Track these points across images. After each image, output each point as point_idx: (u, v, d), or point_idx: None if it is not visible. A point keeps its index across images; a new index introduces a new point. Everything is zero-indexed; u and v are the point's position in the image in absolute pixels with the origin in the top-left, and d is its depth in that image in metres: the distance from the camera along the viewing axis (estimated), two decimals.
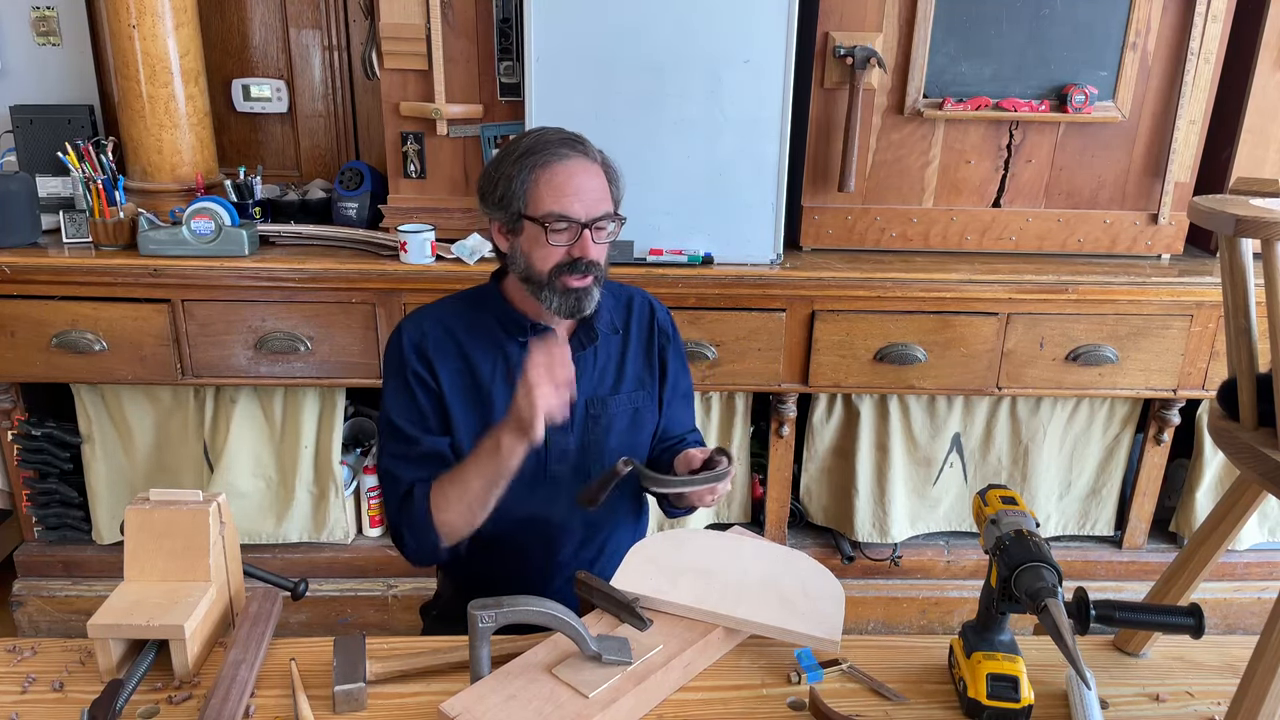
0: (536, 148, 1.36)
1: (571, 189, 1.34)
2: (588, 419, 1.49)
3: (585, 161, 1.37)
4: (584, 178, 1.36)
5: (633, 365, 1.53)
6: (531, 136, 1.39)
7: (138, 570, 1.22)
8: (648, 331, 1.55)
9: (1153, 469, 2.51)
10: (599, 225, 1.37)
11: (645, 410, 1.54)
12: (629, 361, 1.52)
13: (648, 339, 1.55)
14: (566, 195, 1.34)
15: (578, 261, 1.36)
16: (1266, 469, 1.09)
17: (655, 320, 1.56)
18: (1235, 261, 1.15)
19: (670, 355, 1.57)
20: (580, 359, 1.46)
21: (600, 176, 1.39)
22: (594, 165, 1.38)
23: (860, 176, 2.33)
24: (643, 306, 1.57)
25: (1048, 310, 2.27)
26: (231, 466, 2.42)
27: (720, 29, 2.13)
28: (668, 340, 1.57)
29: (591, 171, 1.37)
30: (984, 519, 1.18)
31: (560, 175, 1.34)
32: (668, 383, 1.57)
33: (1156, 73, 2.26)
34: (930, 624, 2.61)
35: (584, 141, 1.40)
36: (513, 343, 1.46)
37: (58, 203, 2.42)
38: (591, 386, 1.49)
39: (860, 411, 2.46)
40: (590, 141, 1.41)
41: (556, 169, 1.34)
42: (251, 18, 2.64)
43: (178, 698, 1.15)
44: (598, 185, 1.37)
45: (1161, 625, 1.15)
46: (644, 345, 1.55)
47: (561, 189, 1.34)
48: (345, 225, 2.44)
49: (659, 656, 1.16)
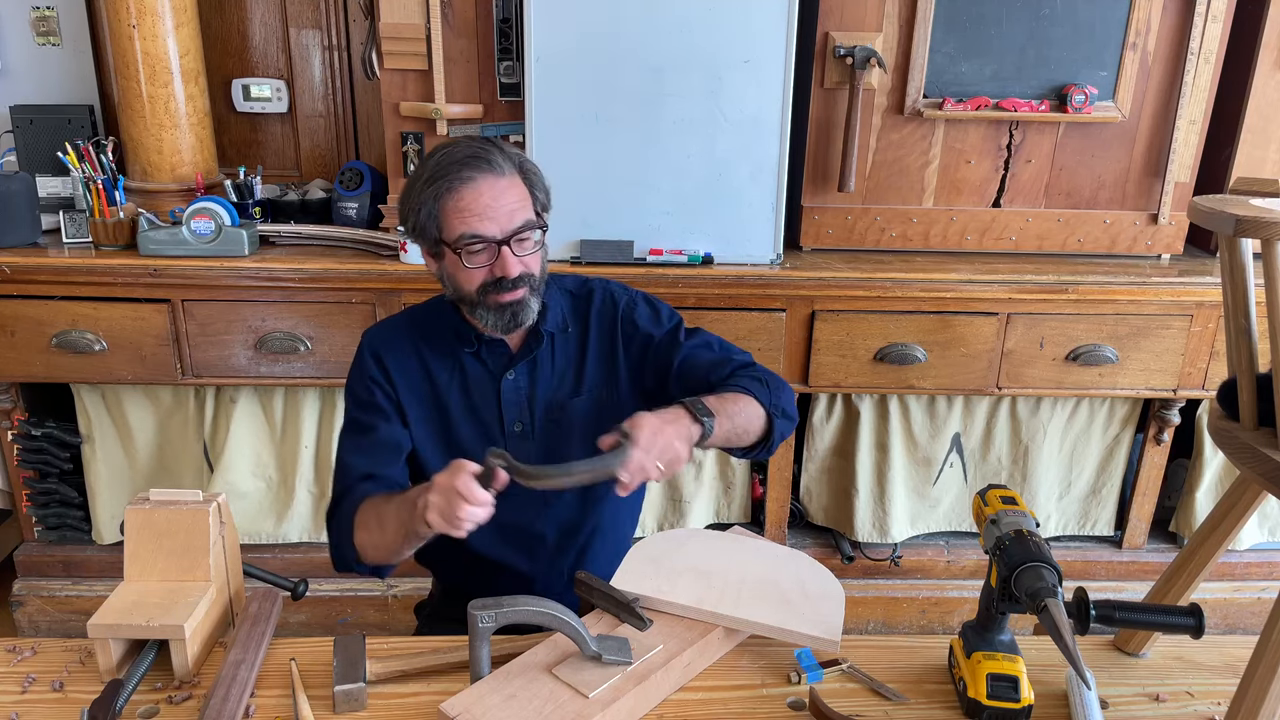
0: (439, 172, 1.31)
1: (479, 209, 1.30)
2: (548, 423, 1.46)
3: (492, 177, 1.31)
4: (492, 194, 1.30)
5: (593, 365, 1.48)
6: (435, 159, 1.33)
7: (138, 570, 1.22)
8: (609, 330, 1.48)
9: (1153, 469, 2.51)
10: (519, 237, 1.32)
11: (612, 411, 1.45)
12: (589, 361, 1.47)
13: (609, 338, 1.48)
14: (475, 215, 1.30)
15: (502, 280, 1.33)
16: (1266, 469, 1.09)
17: (617, 315, 1.49)
18: (1235, 261, 1.15)
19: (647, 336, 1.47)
20: (535, 362, 1.45)
21: (515, 186, 1.33)
22: (504, 178, 1.32)
23: (860, 176, 2.33)
24: (604, 304, 1.50)
25: (1048, 310, 2.27)
26: (231, 466, 2.42)
27: (720, 29, 2.13)
28: (635, 332, 1.47)
29: (501, 185, 1.31)
30: (984, 519, 1.18)
31: (466, 198, 1.30)
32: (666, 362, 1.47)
33: (1156, 73, 2.26)
34: (930, 624, 2.61)
35: (490, 152, 1.32)
36: (465, 352, 1.45)
37: (58, 203, 2.42)
38: (550, 390, 1.46)
39: (860, 411, 2.46)
40: (501, 147, 1.36)
41: (461, 192, 1.30)
42: (251, 18, 2.64)
43: (178, 698, 1.15)
44: (512, 197, 1.32)
45: (1161, 625, 1.15)
46: (607, 343, 1.48)
47: (469, 210, 1.30)
48: (345, 225, 2.44)
49: (659, 656, 1.16)
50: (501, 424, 1.46)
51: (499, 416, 1.45)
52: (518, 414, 1.46)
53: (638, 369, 1.48)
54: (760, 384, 1.38)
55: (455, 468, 1.17)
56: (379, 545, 1.32)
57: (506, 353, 1.45)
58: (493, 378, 1.45)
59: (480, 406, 1.45)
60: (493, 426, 1.46)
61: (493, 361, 1.45)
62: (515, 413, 1.46)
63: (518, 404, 1.45)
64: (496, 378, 1.45)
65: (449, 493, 1.15)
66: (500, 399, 1.45)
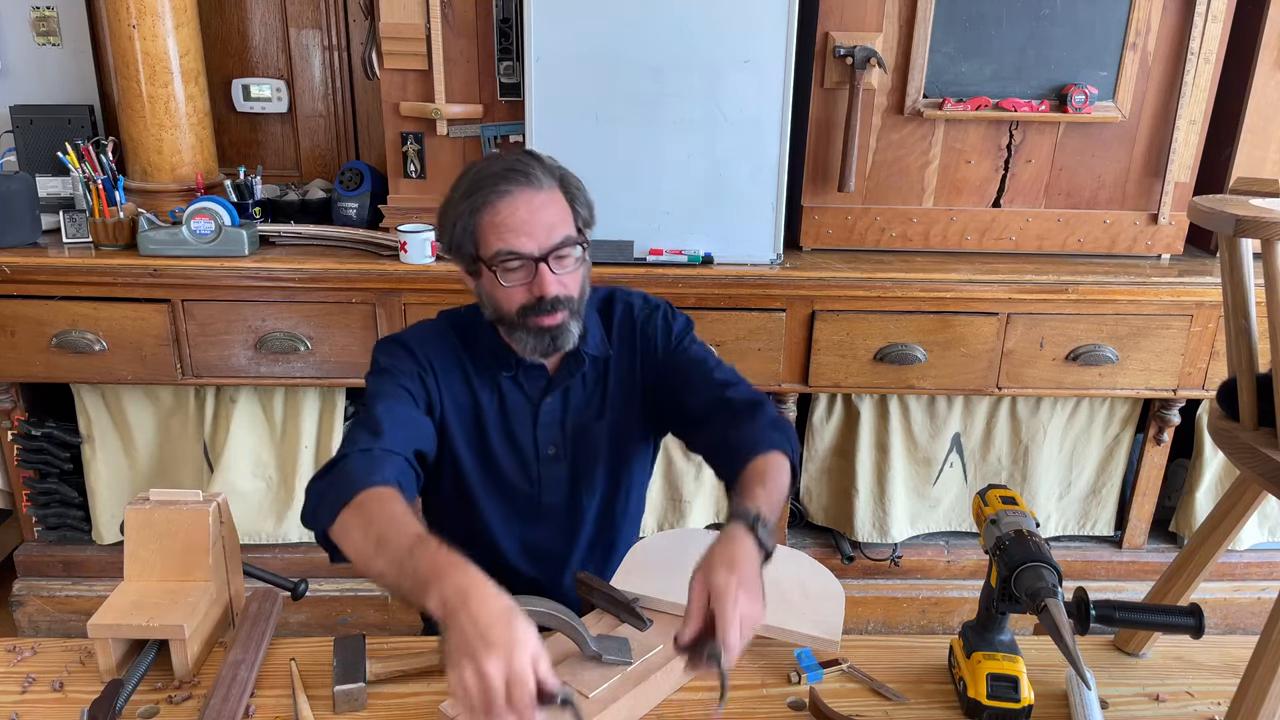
0: (476, 186, 1.26)
1: (516, 224, 1.24)
2: (577, 445, 1.43)
3: (530, 191, 1.25)
4: (529, 209, 1.25)
5: (614, 385, 1.44)
6: (472, 174, 1.29)
7: (138, 570, 1.22)
8: (629, 345, 1.44)
9: (1153, 469, 2.51)
10: (558, 255, 1.27)
11: (631, 431, 1.46)
12: (611, 381, 1.44)
13: (629, 353, 1.44)
14: (512, 231, 1.24)
15: (541, 300, 1.27)
16: (1266, 469, 1.09)
17: (635, 329, 1.44)
18: (1235, 261, 1.15)
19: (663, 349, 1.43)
20: (570, 385, 1.41)
21: (555, 201, 1.28)
22: (542, 192, 1.26)
23: (860, 176, 2.33)
24: (623, 317, 1.45)
25: (1048, 310, 2.27)
26: (232, 466, 2.42)
27: (720, 29, 2.13)
28: (652, 346, 1.44)
29: (540, 200, 1.26)
30: (984, 519, 1.18)
31: (503, 212, 1.24)
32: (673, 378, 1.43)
33: (1156, 73, 2.26)
34: (930, 624, 2.61)
35: (529, 165, 1.27)
36: (503, 375, 1.40)
37: (58, 203, 2.42)
38: (579, 412, 1.42)
39: (860, 411, 2.46)
40: (541, 159, 1.30)
41: (499, 207, 1.24)
42: (251, 18, 2.64)
43: (178, 698, 1.15)
44: (552, 212, 1.26)
45: (1161, 625, 1.15)
46: (626, 359, 1.44)
47: (505, 225, 1.24)
48: (345, 225, 2.44)
49: (659, 656, 1.16)
50: (536, 448, 1.42)
51: (534, 439, 1.42)
52: (551, 437, 1.42)
53: (649, 384, 1.45)
54: (783, 436, 1.28)
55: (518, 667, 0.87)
56: (358, 554, 1.07)
57: (545, 377, 1.41)
58: (530, 403, 1.41)
59: (517, 431, 1.41)
60: (527, 449, 1.42)
61: (531, 386, 1.41)
62: (549, 435, 1.42)
63: (552, 427, 1.42)
64: (535, 403, 1.41)
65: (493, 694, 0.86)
66: (537, 423, 1.41)
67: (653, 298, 1.49)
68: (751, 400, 1.34)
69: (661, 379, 1.43)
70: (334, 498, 1.12)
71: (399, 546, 1.00)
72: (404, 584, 0.98)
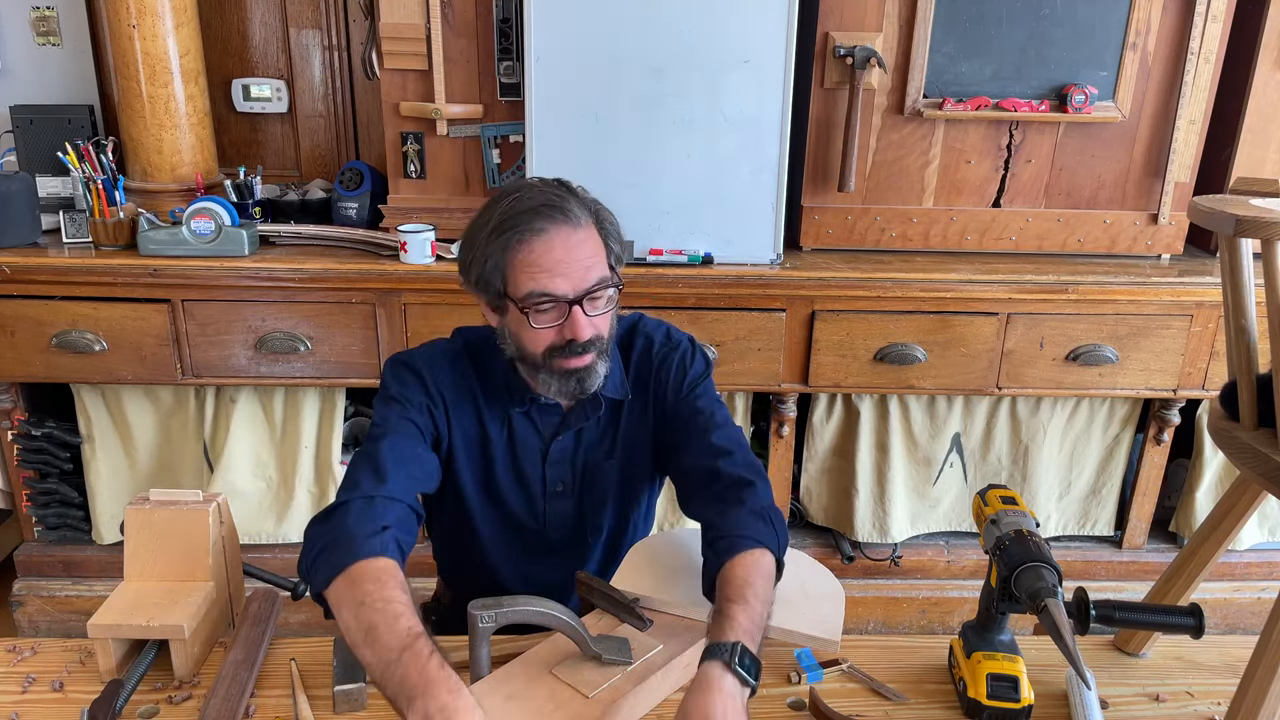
0: (509, 223, 1.19)
1: (551, 264, 1.18)
2: (585, 483, 1.40)
3: (567, 229, 1.19)
4: (566, 249, 1.19)
5: (628, 423, 1.39)
6: (505, 205, 1.21)
7: (138, 570, 1.22)
8: (644, 383, 1.39)
9: (1153, 469, 2.51)
10: (593, 296, 1.21)
11: (641, 470, 1.42)
12: (624, 419, 1.39)
13: (643, 391, 1.39)
14: (546, 271, 1.18)
15: (572, 343, 1.22)
16: (1266, 469, 1.09)
17: (652, 369, 1.38)
18: (1235, 261, 1.15)
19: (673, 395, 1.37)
20: (584, 426, 1.37)
21: (590, 239, 1.22)
22: (579, 230, 1.20)
23: (860, 176, 2.33)
24: (642, 354, 1.39)
25: (1048, 310, 2.27)
26: (231, 466, 2.42)
27: (720, 29, 2.13)
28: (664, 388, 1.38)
29: (576, 238, 1.20)
30: (984, 519, 1.18)
31: (538, 251, 1.18)
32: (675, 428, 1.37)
33: (1156, 73, 2.26)
34: (930, 624, 2.61)
35: (565, 200, 1.21)
36: (516, 409, 1.35)
37: (58, 203, 2.42)
38: (590, 450, 1.39)
39: (860, 411, 2.46)
40: (575, 192, 1.25)
41: (534, 245, 1.18)
42: (251, 18, 2.64)
43: (178, 698, 1.15)
44: (588, 251, 1.21)
45: (1161, 625, 1.15)
46: (641, 400, 1.39)
47: (539, 265, 1.18)
48: (345, 225, 2.44)
49: (659, 656, 1.16)
50: (544, 485, 1.40)
51: (543, 477, 1.39)
52: (560, 474, 1.40)
53: (658, 427, 1.40)
54: (768, 528, 1.19)
55: None
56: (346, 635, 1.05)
57: (559, 414, 1.37)
58: (541, 441, 1.37)
59: (525, 467, 1.38)
60: (535, 486, 1.40)
61: (543, 423, 1.37)
62: (558, 473, 1.39)
63: (562, 464, 1.39)
64: (546, 441, 1.37)
65: None
66: (546, 460, 1.38)
67: (676, 333, 1.42)
68: (741, 479, 1.25)
69: (666, 424, 1.38)
70: (328, 562, 1.09)
71: (389, 645, 0.98)
72: (388, 687, 0.97)
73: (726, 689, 0.99)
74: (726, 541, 1.16)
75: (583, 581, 1.26)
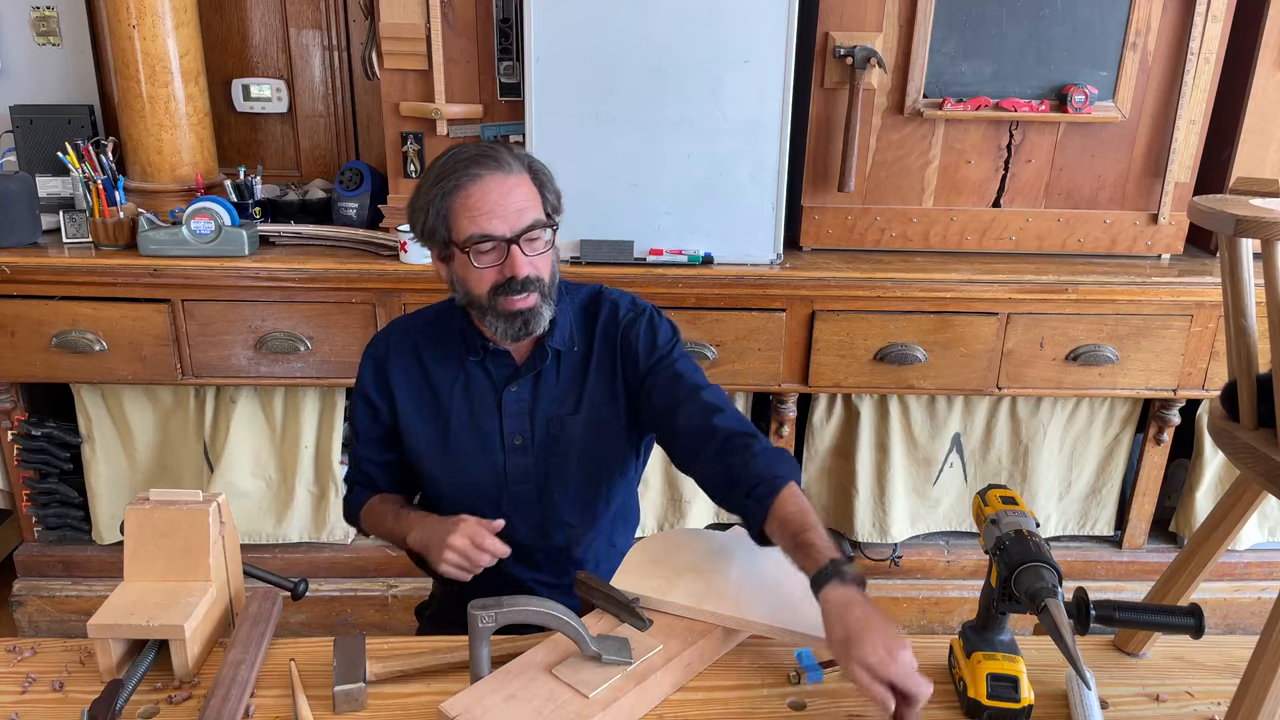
0: (447, 172, 1.31)
1: (488, 206, 1.29)
2: (547, 438, 1.45)
3: (500, 175, 1.30)
4: (501, 192, 1.30)
5: (594, 382, 1.45)
6: (443, 160, 1.33)
7: (138, 570, 1.22)
8: (610, 348, 1.46)
9: (1153, 469, 2.51)
10: (529, 237, 1.32)
11: (610, 428, 1.46)
12: (590, 378, 1.45)
13: (610, 356, 1.46)
14: (484, 214, 1.29)
15: (512, 281, 1.31)
16: (1266, 469, 1.09)
17: (618, 333, 1.45)
18: (1235, 261, 1.15)
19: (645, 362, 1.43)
20: (540, 376, 1.44)
21: (524, 185, 1.33)
22: (511, 176, 1.31)
23: (860, 176, 2.33)
24: (608, 319, 1.46)
25: (1048, 310, 2.27)
26: (231, 466, 2.42)
27: (720, 29, 2.13)
28: (634, 357, 1.44)
29: (510, 183, 1.31)
30: (984, 519, 1.18)
31: (475, 196, 1.29)
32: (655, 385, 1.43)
33: (1156, 73, 2.26)
34: (930, 624, 2.61)
35: (498, 151, 1.33)
36: (470, 360, 1.45)
37: (58, 203, 2.42)
38: (552, 405, 1.45)
39: (860, 411, 2.46)
40: (509, 147, 1.36)
41: (470, 190, 1.29)
42: (251, 18, 2.64)
43: (178, 698, 1.15)
44: (521, 195, 1.31)
45: (1161, 625, 1.15)
46: (607, 361, 1.46)
47: (477, 209, 1.29)
48: (345, 225, 2.44)
49: (659, 656, 1.16)
50: (502, 436, 1.45)
51: (500, 428, 1.45)
52: (518, 427, 1.45)
53: (633, 389, 1.46)
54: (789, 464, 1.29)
55: (471, 530, 1.32)
56: (374, 531, 1.55)
57: (511, 364, 1.45)
58: (495, 389, 1.45)
59: (481, 417, 1.45)
60: (493, 438, 1.46)
61: (497, 372, 1.45)
62: (516, 425, 1.45)
63: (519, 416, 1.45)
64: (499, 389, 1.44)
65: (468, 551, 1.30)
66: (502, 410, 1.44)
67: (640, 301, 1.49)
68: (742, 431, 1.32)
69: (646, 388, 1.43)
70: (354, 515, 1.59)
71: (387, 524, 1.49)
72: (396, 538, 1.45)
73: (859, 597, 1.08)
74: (764, 487, 1.23)
75: (583, 581, 1.26)
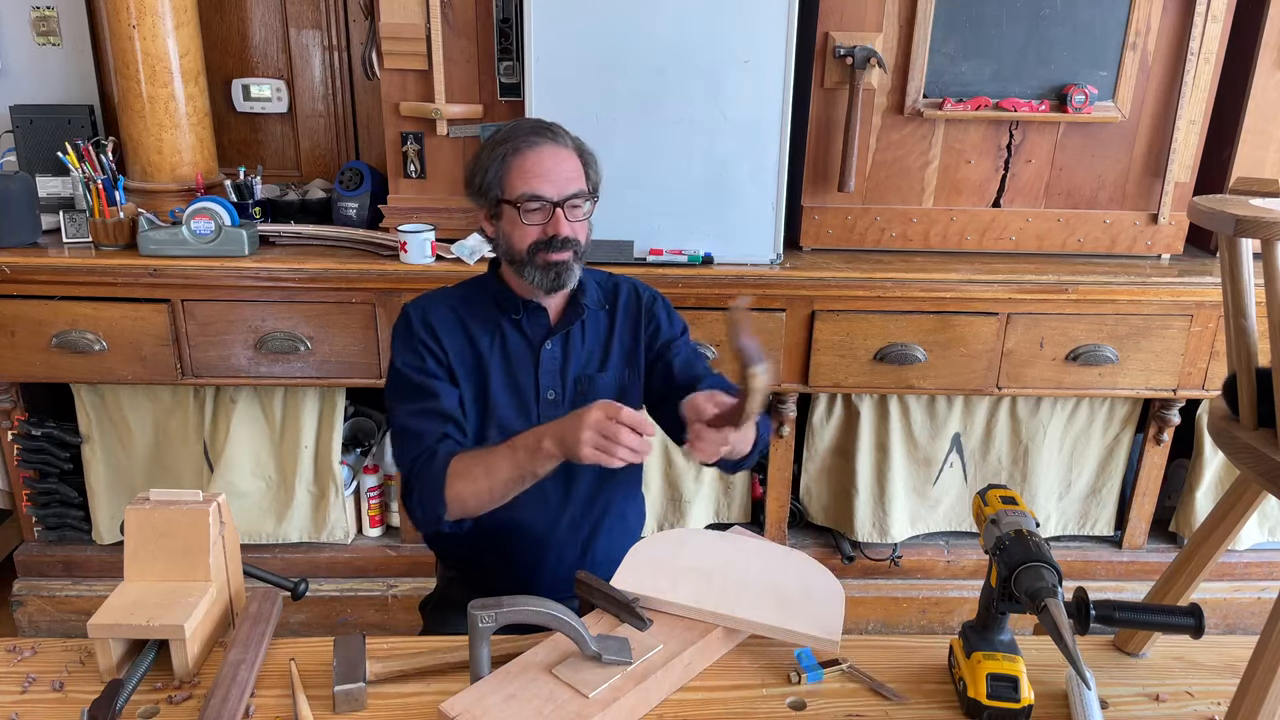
0: (508, 137, 1.46)
1: (541, 171, 1.44)
2: (576, 394, 1.55)
3: (555, 146, 1.46)
4: (554, 161, 1.45)
5: (618, 345, 1.59)
6: (506, 128, 1.49)
7: (138, 570, 1.22)
8: (634, 318, 1.60)
9: (1153, 469, 2.51)
10: (572, 203, 1.45)
11: (631, 389, 1.59)
12: (615, 341, 1.59)
13: (634, 325, 1.60)
14: (537, 177, 1.43)
15: (554, 239, 1.44)
16: (1266, 469, 1.09)
17: (641, 306, 1.61)
18: (1235, 261, 1.15)
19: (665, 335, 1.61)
20: (569, 336, 1.55)
21: (573, 159, 1.47)
22: (565, 150, 1.47)
23: (860, 176, 2.33)
24: (629, 294, 1.62)
25: (1047, 310, 2.27)
26: (231, 466, 2.42)
27: (720, 29, 2.13)
28: (656, 328, 1.61)
29: (562, 155, 1.46)
30: (984, 519, 1.18)
31: (530, 160, 1.44)
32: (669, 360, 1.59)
33: (1156, 73, 2.26)
34: (930, 624, 2.61)
35: (556, 129, 1.49)
36: (507, 319, 1.54)
37: (58, 203, 2.42)
38: (580, 364, 1.56)
39: (860, 411, 2.46)
40: (565, 129, 1.50)
41: (527, 154, 1.44)
42: (251, 18, 2.64)
43: (178, 698, 1.15)
44: (570, 167, 1.46)
45: (1161, 625, 1.15)
46: (630, 330, 1.60)
47: (531, 172, 1.43)
48: (345, 225, 2.44)
49: (659, 656, 1.16)
50: (537, 391, 1.53)
51: (535, 383, 1.53)
52: (551, 382, 1.54)
53: (650, 359, 1.60)
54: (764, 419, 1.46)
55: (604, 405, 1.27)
56: (481, 491, 1.37)
57: (546, 323, 1.55)
58: (531, 347, 1.54)
59: (519, 374, 1.54)
60: (528, 393, 1.54)
61: (532, 331, 1.54)
62: (550, 380, 1.54)
63: (553, 373, 1.54)
64: (535, 347, 1.53)
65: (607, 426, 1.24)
66: (538, 367, 1.53)
67: (651, 287, 1.66)
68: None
69: (665, 360, 1.58)
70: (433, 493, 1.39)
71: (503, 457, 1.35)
72: (525, 466, 1.33)
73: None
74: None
75: (583, 581, 1.26)
